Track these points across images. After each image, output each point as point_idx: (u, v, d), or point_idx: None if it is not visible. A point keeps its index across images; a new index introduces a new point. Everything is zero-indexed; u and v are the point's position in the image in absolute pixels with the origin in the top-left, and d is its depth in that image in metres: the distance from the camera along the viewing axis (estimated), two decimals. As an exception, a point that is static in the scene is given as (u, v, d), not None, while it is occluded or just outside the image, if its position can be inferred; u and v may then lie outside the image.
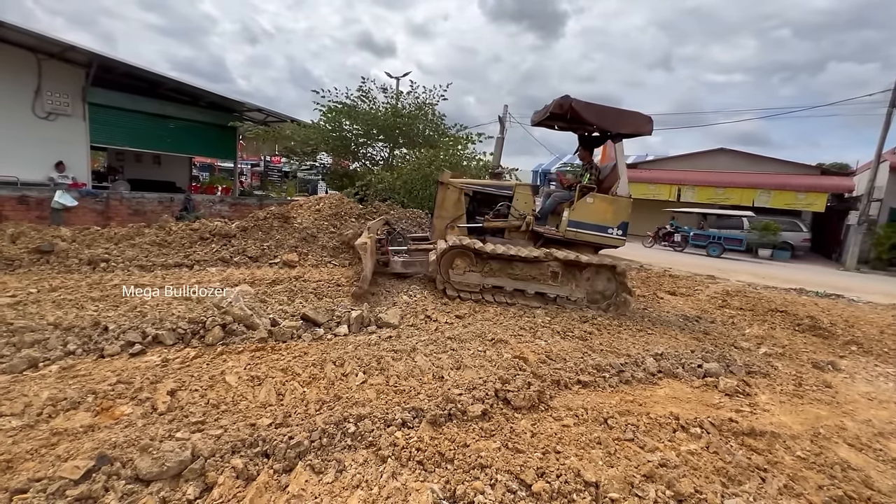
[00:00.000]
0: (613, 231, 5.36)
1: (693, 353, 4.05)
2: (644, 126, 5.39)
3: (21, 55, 10.27)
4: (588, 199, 5.37)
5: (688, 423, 2.69)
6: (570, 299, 5.29)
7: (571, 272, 5.30)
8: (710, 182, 18.75)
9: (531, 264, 5.19)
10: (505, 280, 5.20)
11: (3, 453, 1.90)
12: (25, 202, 9.23)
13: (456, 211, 5.73)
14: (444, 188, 5.78)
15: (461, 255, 5.19)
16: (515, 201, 5.68)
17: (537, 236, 5.59)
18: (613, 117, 5.40)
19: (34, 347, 2.92)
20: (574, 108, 5.22)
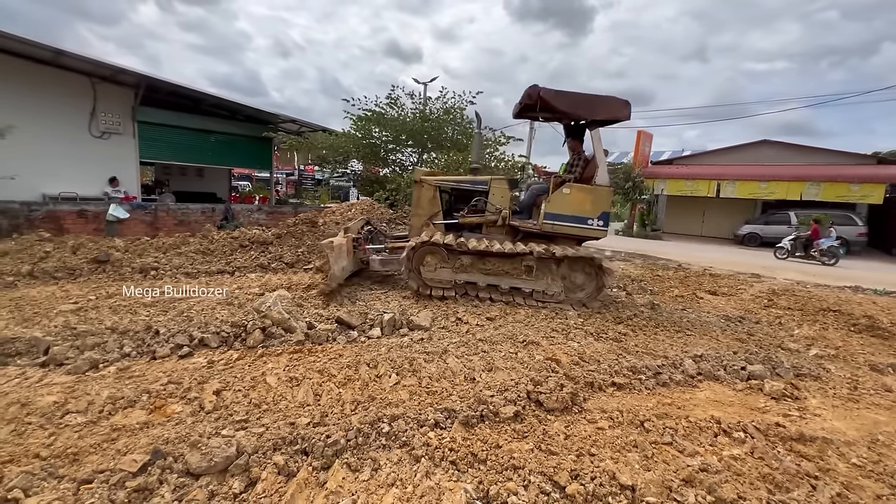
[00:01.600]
0: (594, 222, 5.17)
1: (736, 355, 3.88)
2: (620, 111, 5.17)
3: (78, 80, 11.09)
4: (564, 189, 5.20)
5: (730, 427, 2.59)
6: (546, 294, 5.11)
7: (547, 266, 5.12)
8: (752, 175, 17.83)
9: (504, 259, 5.06)
10: (477, 276, 5.08)
11: (70, 447, 2.07)
12: (84, 216, 9.94)
13: (432, 208, 5.64)
14: (420, 186, 5.71)
15: (431, 251, 5.09)
16: (491, 196, 5.51)
17: (516, 231, 5.45)
18: (586, 104, 5.21)
19: (95, 350, 3.15)
20: (543, 98, 5.08)
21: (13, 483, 1.73)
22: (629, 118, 5.25)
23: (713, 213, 20.39)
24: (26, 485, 1.75)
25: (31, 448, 2.06)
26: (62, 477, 1.85)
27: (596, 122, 5.32)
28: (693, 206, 20.55)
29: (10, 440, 2.13)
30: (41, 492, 1.75)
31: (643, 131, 21.31)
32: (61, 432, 2.22)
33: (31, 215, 9.32)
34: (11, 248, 5.95)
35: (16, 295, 4.54)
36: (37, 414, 2.34)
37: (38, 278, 5.17)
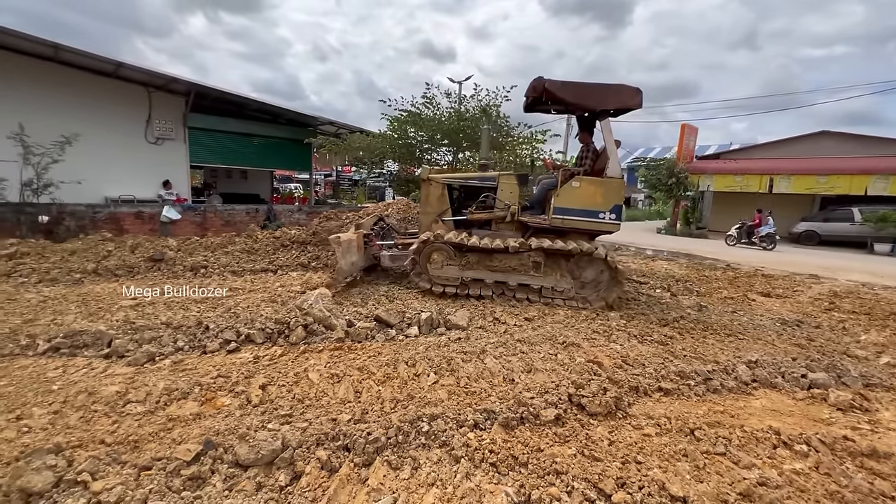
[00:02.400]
0: (606, 215, 4.97)
1: (795, 362, 3.62)
2: (631, 99, 4.94)
3: (135, 90, 11.86)
4: (574, 183, 5.03)
5: (791, 439, 2.42)
6: (555, 290, 4.93)
7: (556, 261, 4.95)
8: (809, 170, 16.62)
9: (510, 255, 4.92)
10: (484, 273, 4.99)
11: (131, 434, 2.20)
12: (141, 217, 10.62)
13: (440, 206, 5.59)
14: (427, 184, 5.65)
15: (438, 249, 5.04)
16: (500, 192, 5.39)
17: (526, 227, 5.30)
18: (595, 94, 5.02)
19: (151, 343, 3.34)
20: (548, 90, 4.94)
21: (83, 467, 1.85)
22: (641, 106, 5.05)
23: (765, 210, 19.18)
24: (94, 469, 1.87)
25: (97, 434, 2.20)
26: (124, 463, 1.97)
27: (606, 112, 5.15)
28: (742, 203, 19.39)
29: (79, 426, 2.29)
30: (106, 476, 1.86)
31: (687, 125, 20.34)
32: (123, 420, 2.36)
33: (95, 217, 10.05)
34: (79, 247, 6.43)
35: (83, 291, 4.89)
36: (102, 402, 2.51)
37: (102, 275, 5.55)
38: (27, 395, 2.58)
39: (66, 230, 9.42)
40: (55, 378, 2.83)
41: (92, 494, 1.74)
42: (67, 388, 2.67)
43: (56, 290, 4.89)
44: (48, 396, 2.56)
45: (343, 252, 4.99)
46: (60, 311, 4.13)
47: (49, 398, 2.54)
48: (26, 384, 2.72)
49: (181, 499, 1.79)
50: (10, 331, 3.48)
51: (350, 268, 5.19)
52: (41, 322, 3.79)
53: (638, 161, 23.75)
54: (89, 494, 1.74)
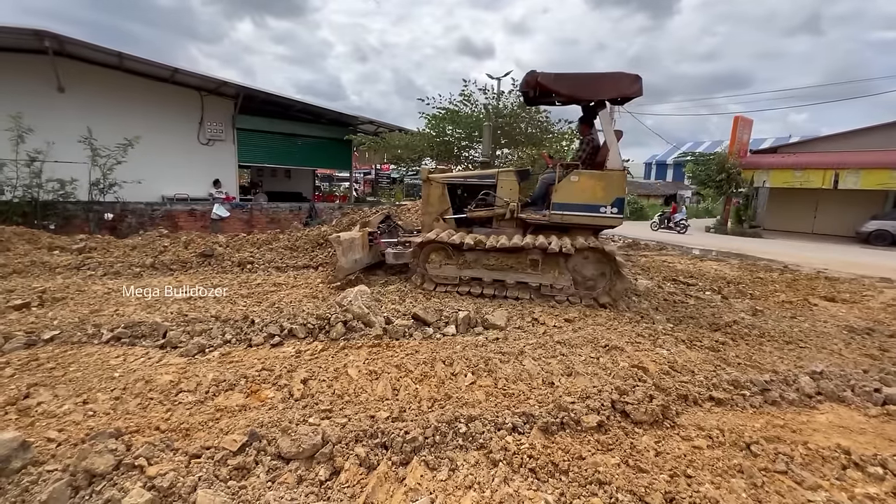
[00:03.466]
0: (607, 209, 4.76)
1: (866, 374, 3.31)
2: (630, 87, 4.70)
3: (189, 94, 12.54)
4: (572, 177, 4.85)
5: (863, 459, 2.20)
6: (554, 287, 4.80)
7: (554, 259, 4.79)
8: (883, 163, 15.13)
9: (508, 254, 4.81)
10: (482, 272, 4.93)
11: (183, 423, 2.32)
12: (193, 215, 11.23)
13: (441, 205, 5.57)
14: (428, 185, 5.63)
15: (436, 249, 5.01)
16: (499, 189, 5.28)
17: (527, 224, 5.16)
18: (591, 83, 4.83)
19: (202, 336, 3.51)
20: (541, 83, 4.80)
21: (140, 452, 1.96)
22: (641, 93, 4.82)
23: (828, 208, 17.78)
24: (149, 454, 1.97)
25: (153, 421, 2.33)
26: (177, 450, 2.07)
27: (604, 103, 5.00)
28: (802, 200, 18.09)
29: (136, 412, 2.43)
30: (160, 462, 1.96)
31: (741, 117, 19.15)
32: (176, 409, 2.49)
33: (153, 214, 10.74)
34: (139, 242, 6.88)
35: (142, 283, 5.22)
36: (157, 390, 2.65)
37: (159, 269, 5.91)
38: (92, 380, 2.77)
39: (127, 227, 10.14)
40: (117, 366, 3.02)
41: (147, 478, 1.84)
42: (127, 375, 2.85)
43: (119, 282, 5.25)
44: (110, 383, 2.74)
45: (344, 250, 5.15)
46: (122, 302, 4.43)
47: (111, 384, 2.72)
48: (92, 370, 2.93)
49: (227, 487, 1.85)
50: (80, 320, 3.76)
51: (352, 265, 5.33)
52: (105, 312, 4.07)
53: (685, 156, 22.59)
54: (145, 478, 1.84)
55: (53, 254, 6.21)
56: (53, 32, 9.37)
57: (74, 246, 6.52)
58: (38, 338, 3.34)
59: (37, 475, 1.81)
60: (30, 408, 2.40)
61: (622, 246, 12.07)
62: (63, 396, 2.55)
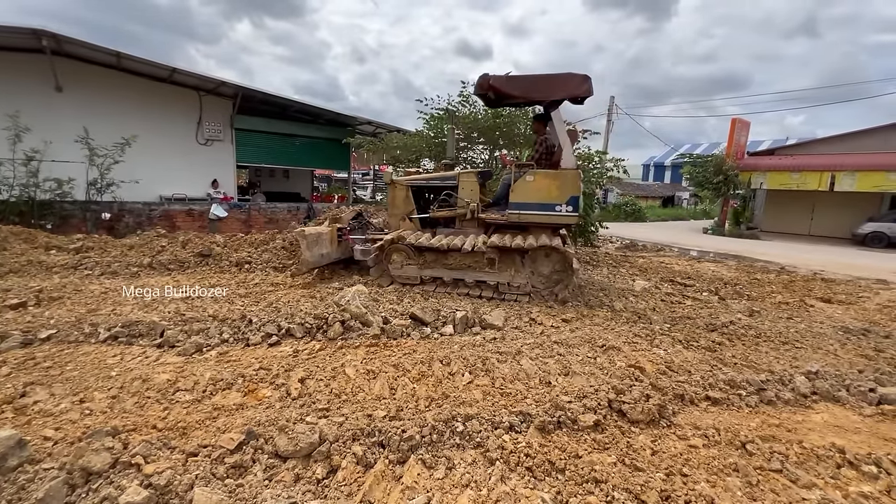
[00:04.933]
0: (562, 208, 4.87)
1: (861, 374, 3.34)
2: (579, 87, 4.84)
3: (188, 94, 12.52)
4: (528, 177, 4.95)
5: (858, 458, 2.22)
6: (511, 286, 4.93)
7: (510, 257, 4.93)
8: (879, 165, 15.22)
9: (465, 253, 4.93)
10: (442, 271, 5.07)
11: (180, 421, 2.32)
12: (191, 214, 11.21)
13: (406, 207, 5.68)
14: (393, 187, 5.77)
15: (397, 249, 5.16)
16: (461, 190, 5.37)
17: (488, 224, 5.28)
18: (541, 85, 4.96)
19: (200, 335, 3.51)
20: (493, 86, 4.93)
21: (136, 450, 1.96)
22: (591, 93, 4.97)
23: (825, 210, 17.85)
24: (146, 452, 1.97)
25: (150, 419, 2.33)
26: (174, 448, 2.07)
27: (555, 103, 5.09)
28: (799, 202, 18.17)
29: (133, 411, 2.43)
30: (157, 460, 1.96)
31: (738, 119, 19.23)
32: (173, 407, 2.49)
33: (150, 214, 10.71)
34: (136, 242, 6.85)
35: (139, 283, 5.21)
36: (154, 389, 2.65)
37: (156, 269, 5.90)
38: (89, 379, 2.77)
39: (125, 226, 10.11)
40: (114, 364, 3.02)
41: (144, 477, 1.84)
42: (124, 374, 2.85)
43: (116, 282, 5.24)
44: (107, 381, 2.73)
45: (309, 244, 5.29)
46: (119, 301, 4.42)
47: (108, 383, 2.71)
48: (89, 369, 2.92)
49: (224, 486, 1.85)
50: (76, 319, 3.75)
51: (318, 259, 5.46)
52: (102, 312, 4.06)
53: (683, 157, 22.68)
54: (142, 476, 1.84)
55: (50, 253, 6.19)
56: (51, 31, 9.34)
57: (71, 245, 6.51)
58: (34, 337, 3.34)
59: (33, 473, 1.80)
60: (26, 406, 2.40)
61: (620, 247, 12.10)
62: (60, 395, 2.55)
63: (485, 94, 5.27)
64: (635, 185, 36.21)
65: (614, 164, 11.44)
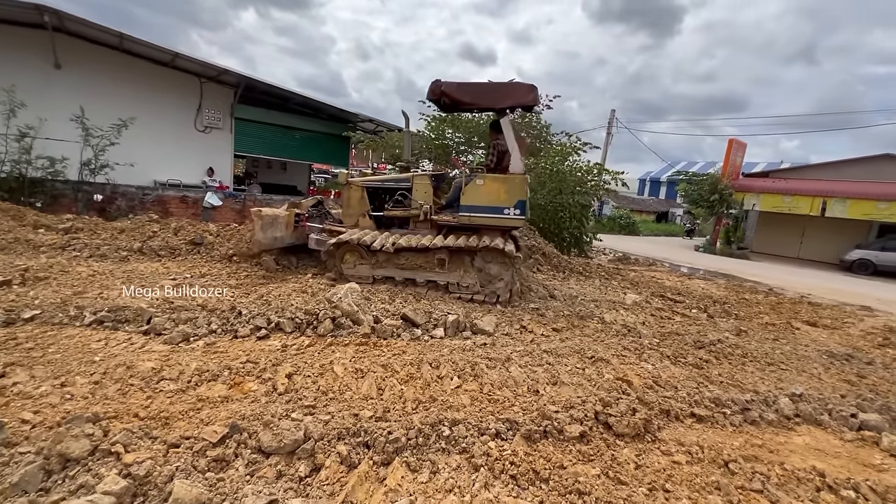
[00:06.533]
0: (510, 211, 5.03)
1: (844, 399, 3.38)
2: (525, 96, 5.07)
3: (189, 80, 12.39)
4: (478, 180, 5.11)
5: (837, 482, 2.25)
6: (461, 285, 5.08)
7: (460, 258, 5.07)
8: (869, 194, 15.54)
9: (417, 253, 5.05)
10: (394, 271, 5.17)
11: (163, 411, 2.28)
12: (185, 201, 11.08)
13: (361, 207, 5.73)
14: (348, 188, 5.81)
15: (350, 249, 5.23)
16: (415, 192, 5.47)
17: (441, 226, 5.39)
18: (490, 93, 5.21)
19: (187, 324, 3.46)
20: (445, 92, 5.10)
21: (117, 438, 1.93)
22: (536, 103, 5.30)
23: (815, 234, 18.12)
24: (127, 441, 1.94)
25: (132, 408, 2.29)
26: (155, 438, 2.04)
27: (504, 111, 5.26)
28: (790, 225, 18.43)
29: (116, 398, 2.39)
30: (138, 449, 1.93)
31: (735, 140, 19.50)
32: (157, 396, 2.45)
33: (144, 198, 10.57)
34: (128, 226, 6.76)
35: (128, 268, 5.14)
36: (138, 377, 2.61)
37: (147, 254, 5.82)
38: (72, 363, 2.72)
39: (117, 209, 9.96)
40: (98, 350, 2.97)
41: (123, 466, 1.80)
42: (108, 360, 2.80)
43: (104, 265, 5.16)
44: (90, 367, 2.69)
45: (264, 225, 5.29)
46: (107, 285, 4.35)
47: (91, 368, 2.67)
48: (72, 353, 2.87)
49: (205, 479, 1.83)
50: (62, 301, 3.69)
51: (270, 241, 5.45)
52: (89, 295, 3.99)
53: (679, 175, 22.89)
54: (121, 465, 1.81)
55: (38, 232, 6.09)
56: (54, 8, 9.20)
57: (61, 225, 6.40)
58: (17, 316, 3.27)
59: (9, 456, 1.77)
60: (5, 388, 2.35)
61: (612, 259, 12.18)
62: (40, 378, 2.50)
63: (438, 100, 5.41)
64: (631, 199, 36.52)
65: (612, 178, 11.52)
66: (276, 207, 5.95)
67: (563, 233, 10.45)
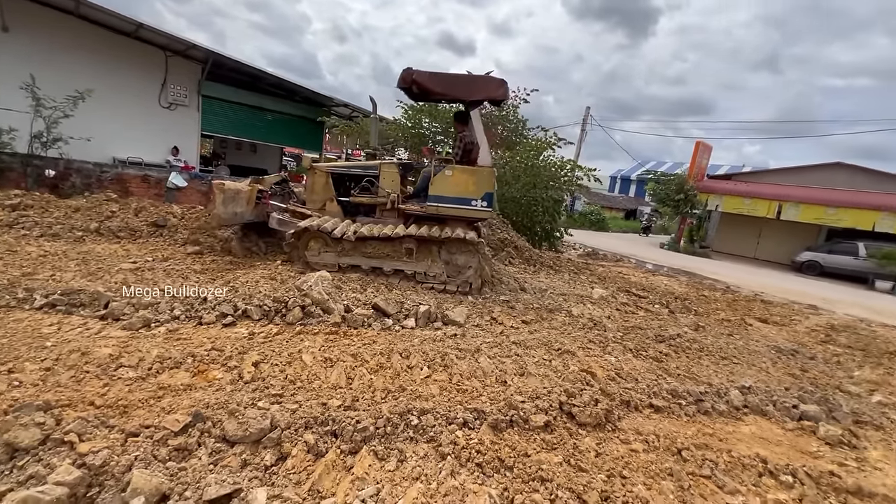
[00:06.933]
0: (477, 203, 5.14)
1: (787, 391, 3.62)
2: (496, 90, 5.16)
3: (154, 53, 11.74)
4: (447, 171, 5.19)
5: (777, 468, 2.42)
6: (427, 275, 5.14)
7: (428, 248, 5.13)
8: (819, 200, 16.53)
9: (385, 242, 5.06)
10: (360, 259, 5.13)
11: (121, 399, 2.20)
12: (147, 181, 10.56)
13: (325, 194, 5.67)
14: (312, 173, 5.77)
15: (315, 237, 5.15)
16: (382, 180, 5.49)
17: (408, 215, 5.43)
18: (462, 84, 5.25)
19: (148, 309, 3.33)
20: (417, 81, 5.11)
21: (70, 427, 1.85)
22: (506, 97, 5.37)
23: (770, 236, 19.15)
24: (81, 430, 1.86)
25: (87, 396, 2.20)
26: (112, 427, 1.97)
27: (475, 103, 5.34)
28: (748, 226, 19.38)
29: (69, 385, 2.29)
30: (94, 438, 1.86)
31: (702, 142, 20.24)
32: (114, 384, 2.36)
33: (101, 176, 10.00)
34: (83, 205, 6.40)
35: (83, 249, 4.88)
36: (94, 364, 2.50)
37: (104, 235, 5.54)
38: (20, 348, 2.58)
39: (71, 186, 9.39)
40: (49, 334, 2.83)
41: (78, 455, 1.74)
42: (61, 345, 2.67)
43: (57, 245, 4.88)
44: (41, 352, 2.56)
45: (225, 199, 5.15)
46: (60, 267, 4.12)
47: (42, 354, 2.54)
48: (20, 338, 2.72)
49: (166, 468, 1.78)
50: (9, 282, 3.47)
51: (231, 217, 5.30)
52: (40, 276, 3.78)
53: (648, 174, 23.61)
54: (75, 455, 1.74)
55: (-18, 208, 5.69)
56: (0, -36, 8.50)
57: (7, 202, 5.99)
58: (-41, 298, 3.07)
59: (-50, 446, 1.67)
60: (-55, 373, 2.21)
61: (582, 254, 12.48)
62: (-15, 363, 2.36)
63: (408, 88, 5.34)
64: (602, 196, 37.37)
65: (585, 174, 11.74)
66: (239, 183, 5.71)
67: (536, 227, 10.60)
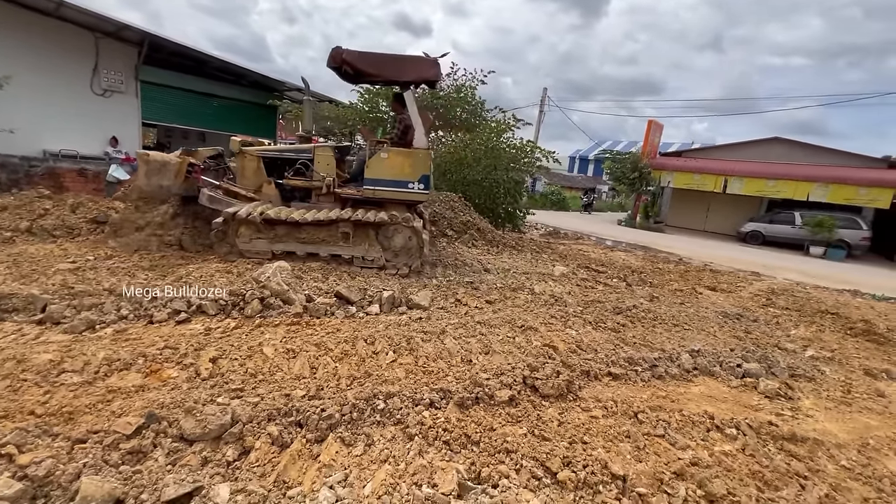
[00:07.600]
0: (414, 185, 5.14)
1: (732, 352, 3.89)
2: (427, 71, 5.12)
3: (81, 34, 10.78)
4: (382, 154, 5.14)
5: (723, 423, 2.61)
6: (366, 259, 5.11)
7: (364, 232, 5.09)
8: (760, 173, 17.62)
9: (320, 227, 4.99)
10: (295, 245, 5.01)
11: (65, 406, 2.07)
12: (84, 175, 9.81)
13: (257, 179, 5.48)
14: (242, 157, 5.53)
15: (245, 222, 4.93)
16: (317, 164, 5.39)
17: (345, 199, 5.39)
18: (393, 65, 5.15)
19: (92, 311, 3.13)
20: (346, 60, 5.01)
21: (7, 439, 1.73)
22: (438, 78, 5.24)
23: (718, 209, 20.24)
24: (20, 441, 1.75)
25: (26, 405, 2.06)
26: (56, 435, 1.85)
27: (408, 84, 5.24)
28: (698, 201, 20.39)
29: (5, 395, 2.13)
30: (35, 448, 1.75)
31: (654, 121, 20.97)
32: (56, 391, 2.21)
33: (30, 171, 9.20)
34: (10, 203, 5.87)
35: (14, 251, 4.50)
36: (32, 371, 2.34)
37: (37, 235, 5.12)
38: (-55, 360, 2.37)
39: (-5, 183, 8.59)
40: (-21, 343, 2.61)
41: (18, 468, 1.63)
42: (-7, 354, 2.47)
43: (-18, 248, 4.47)
44: (-30, 363, 2.36)
45: (149, 171, 4.83)
46: (-13, 271, 3.79)
47: (-29, 365, 2.34)
48: (-56, 349, 2.50)
49: (119, 473, 1.71)
50: (-73, 290, 3.16)
51: (154, 189, 4.93)
52: (-36, 282, 3.46)
53: (605, 153, 24.29)
54: (14, 468, 1.63)
55: None
56: None
57: (-80, 202, 5.42)
58: None
59: None
60: None
61: (544, 234, 12.76)
62: None
63: (339, 68, 5.14)
64: (562, 176, 38.18)
65: (544, 155, 11.91)
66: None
67: (498, 208, 10.72)
